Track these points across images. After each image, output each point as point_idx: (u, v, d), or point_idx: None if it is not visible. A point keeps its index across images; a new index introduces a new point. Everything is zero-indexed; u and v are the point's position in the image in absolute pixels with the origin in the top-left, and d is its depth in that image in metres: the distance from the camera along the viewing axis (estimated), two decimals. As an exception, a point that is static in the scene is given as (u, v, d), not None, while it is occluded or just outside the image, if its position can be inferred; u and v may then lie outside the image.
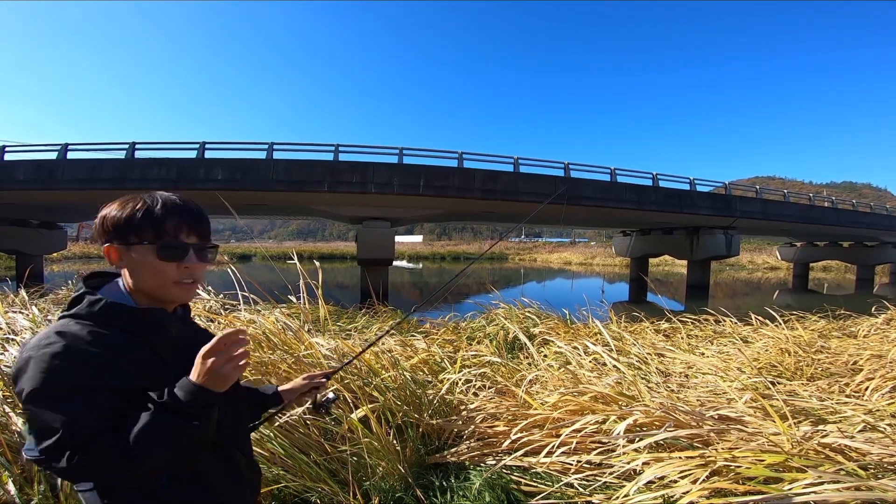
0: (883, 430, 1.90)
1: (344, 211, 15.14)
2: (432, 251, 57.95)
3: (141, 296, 0.89)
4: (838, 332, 4.72)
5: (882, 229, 23.47)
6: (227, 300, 4.81)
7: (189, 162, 13.19)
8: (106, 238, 0.88)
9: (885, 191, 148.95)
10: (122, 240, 0.87)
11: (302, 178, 13.21)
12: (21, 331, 2.96)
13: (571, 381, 2.71)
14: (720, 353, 3.76)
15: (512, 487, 1.96)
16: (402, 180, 13.43)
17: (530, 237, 78.91)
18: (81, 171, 12.90)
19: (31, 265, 13.65)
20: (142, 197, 0.89)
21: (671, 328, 4.97)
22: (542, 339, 4.32)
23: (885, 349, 3.48)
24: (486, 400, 2.69)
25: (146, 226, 0.86)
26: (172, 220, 0.88)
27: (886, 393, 2.63)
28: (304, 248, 51.84)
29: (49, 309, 4.22)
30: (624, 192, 16.08)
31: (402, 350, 3.35)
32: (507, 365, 3.28)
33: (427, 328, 5.00)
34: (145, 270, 0.86)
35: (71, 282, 6.76)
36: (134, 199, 0.89)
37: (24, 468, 1.69)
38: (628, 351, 3.62)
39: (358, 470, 2.02)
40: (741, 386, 2.77)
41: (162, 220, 0.87)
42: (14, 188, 12.92)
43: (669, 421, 1.97)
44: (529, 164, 15.18)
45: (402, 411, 2.40)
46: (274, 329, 2.93)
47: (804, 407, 2.33)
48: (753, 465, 1.60)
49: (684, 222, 18.87)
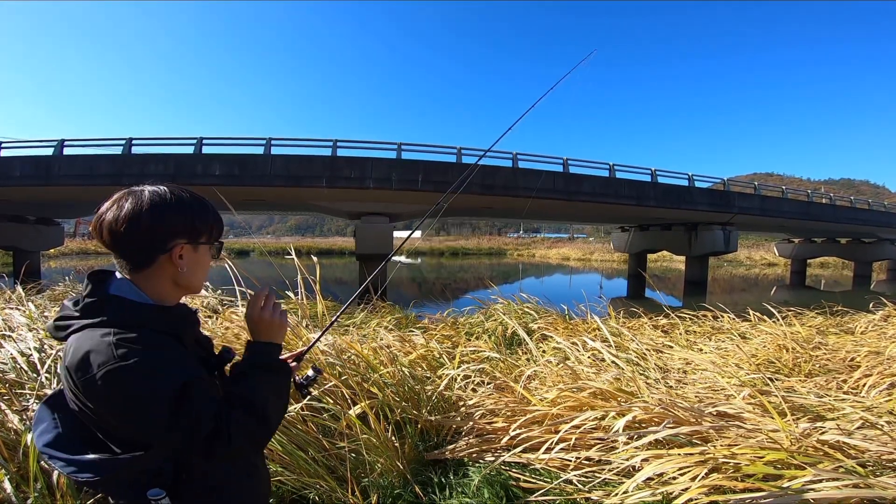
0: (881, 428, 1.90)
1: (342, 206, 15.10)
2: (431, 247, 57.88)
3: (174, 293, 0.89)
4: (836, 329, 4.73)
5: (879, 226, 23.52)
6: (224, 296, 4.80)
7: (187, 157, 13.12)
8: (164, 238, 0.84)
9: (883, 187, 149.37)
10: (194, 239, 0.88)
11: (300, 174, 13.16)
12: (17, 327, 2.95)
13: (570, 377, 2.71)
14: (718, 350, 3.76)
15: (511, 484, 1.96)
16: (400, 175, 13.40)
17: (529, 233, 78.90)
18: (78, 166, 12.81)
19: (28, 261, 13.61)
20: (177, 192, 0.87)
21: (669, 324, 4.98)
22: (540, 334, 4.32)
23: (882, 346, 3.49)
24: (485, 396, 2.68)
25: (211, 224, 0.91)
26: (218, 217, 0.94)
27: (884, 390, 2.64)
28: (302, 243, 51.71)
29: (46, 305, 4.21)
30: (622, 188, 16.08)
31: (400, 346, 3.34)
32: (505, 360, 3.27)
33: (425, 324, 5.00)
34: (199, 269, 0.91)
35: (68, 278, 6.74)
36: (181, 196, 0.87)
37: (20, 466, 1.68)
38: (627, 347, 3.62)
39: (356, 466, 2.02)
40: (739, 382, 2.77)
41: (218, 216, 0.93)
42: (11, 184, 12.84)
43: (668, 417, 1.97)
44: (528, 160, 15.20)
45: (401, 407, 2.39)
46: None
47: (802, 403, 2.34)
48: (752, 462, 1.60)
49: (683, 218, 18.88)
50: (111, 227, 0.81)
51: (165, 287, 0.87)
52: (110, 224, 0.81)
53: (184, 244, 0.86)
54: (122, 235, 0.81)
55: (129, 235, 0.82)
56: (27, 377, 2.27)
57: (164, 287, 0.87)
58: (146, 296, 0.85)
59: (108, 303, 0.81)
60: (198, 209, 0.89)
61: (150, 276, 0.86)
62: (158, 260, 0.85)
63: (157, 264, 0.85)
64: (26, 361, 2.36)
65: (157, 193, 0.84)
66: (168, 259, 0.85)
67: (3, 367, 2.32)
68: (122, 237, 0.82)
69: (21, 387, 2.19)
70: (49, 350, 2.46)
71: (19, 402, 2.00)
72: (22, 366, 2.32)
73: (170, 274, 0.87)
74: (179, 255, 0.86)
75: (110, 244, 0.83)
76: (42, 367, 2.28)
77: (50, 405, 0.84)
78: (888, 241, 26.32)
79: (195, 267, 0.89)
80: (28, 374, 2.29)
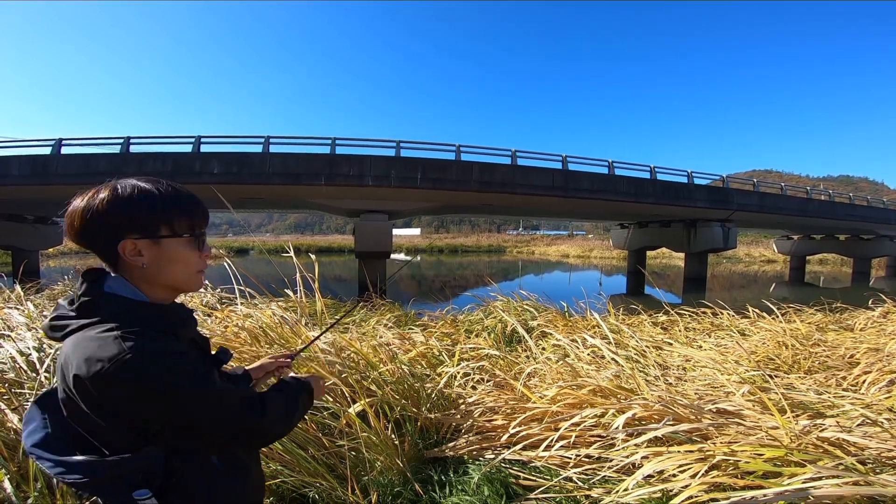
0: (881, 425, 1.90)
1: (341, 204, 15.08)
2: (430, 244, 57.85)
3: (158, 291, 0.85)
4: (835, 326, 4.73)
5: (878, 222, 23.54)
6: (223, 294, 4.80)
7: (185, 156, 13.08)
8: (114, 232, 0.80)
9: (882, 184, 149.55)
10: (149, 233, 0.82)
11: (299, 171, 13.14)
12: (16, 326, 2.94)
13: (570, 375, 2.71)
14: (718, 346, 3.77)
15: (511, 481, 1.96)
16: (399, 173, 13.40)
17: (528, 230, 78.88)
18: (76, 165, 12.76)
19: (27, 260, 13.60)
20: (138, 184, 0.82)
21: (669, 321, 4.98)
22: (540, 331, 4.33)
23: (881, 342, 3.49)
24: (485, 393, 2.68)
25: (180, 215, 0.85)
26: (198, 207, 0.89)
27: (883, 387, 2.64)
28: (301, 241, 51.66)
29: (45, 304, 4.20)
30: (622, 185, 16.08)
31: (400, 343, 3.34)
32: (505, 358, 3.28)
33: (425, 321, 5.00)
34: (176, 264, 0.85)
35: (67, 277, 6.72)
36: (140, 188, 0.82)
37: (20, 465, 1.68)
38: (626, 344, 3.63)
39: (356, 465, 2.02)
40: (739, 379, 2.77)
41: (194, 207, 0.87)
42: (8, 184, 12.78)
43: (668, 414, 1.97)
44: (527, 157, 15.17)
45: (401, 405, 2.39)
46: (271, 323, 2.92)
47: (802, 400, 2.34)
48: (752, 459, 1.59)
49: (682, 215, 18.88)
50: (70, 224, 0.81)
51: (144, 285, 0.83)
52: (69, 221, 0.81)
53: (136, 239, 0.81)
54: (79, 233, 0.81)
55: (84, 234, 0.81)
56: (26, 376, 2.26)
57: (143, 285, 0.83)
58: (141, 293, 0.82)
59: (106, 301, 0.78)
60: (153, 202, 0.82)
61: (127, 275, 0.83)
62: (120, 257, 0.81)
63: (122, 261, 0.82)
64: (25, 361, 2.35)
65: (116, 187, 0.81)
66: (126, 256, 0.81)
67: (2, 366, 2.31)
68: (79, 235, 0.81)
69: (20, 386, 2.19)
70: (48, 349, 2.45)
71: (19, 401, 2.00)
72: (21, 365, 2.31)
73: (135, 271, 0.82)
74: (137, 250, 0.81)
75: (74, 241, 0.82)
76: (41, 366, 2.28)
77: (41, 405, 0.83)
78: (887, 237, 26.34)
79: (163, 262, 0.83)
80: (27, 373, 2.29)
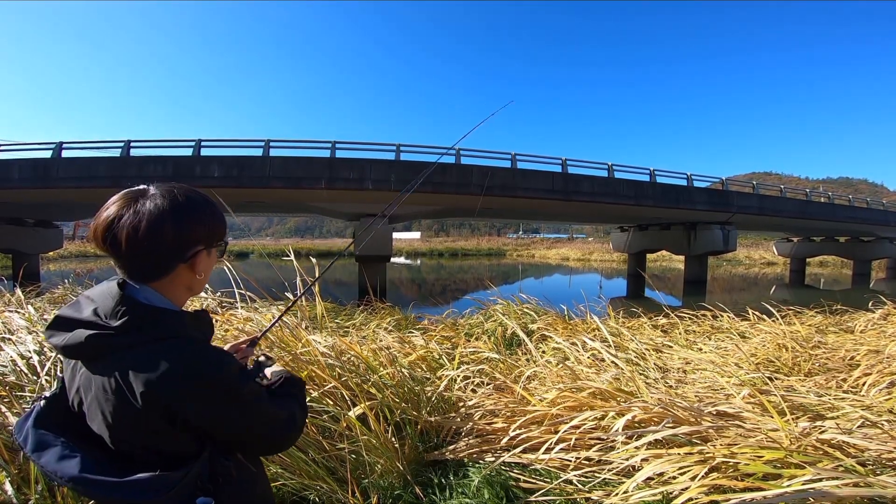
0: (881, 426, 1.90)
1: (341, 207, 15.12)
2: (430, 247, 57.86)
3: (181, 299, 0.86)
4: (835, 328, 4.73)
5: (878, 224, 23.55)
6: (224, 298, 4.80)
7: (185, 159, 13.12)
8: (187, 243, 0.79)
9: (882, 186, 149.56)
10: (212, 243, 0.85)
11: (299, 175, 13.19)
12: (17, 330, 2.94)
13: (570, 377, 2.71)
14: (718, 349, 3.77)
15: (511, 484, 1.96)
16: (399, 176, 13.43)
17: (528, 233, 78.90)
18: (77, 169, 12.81)
19: (27, 264, 13.61)
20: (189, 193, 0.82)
21: (669, 323, 4.98)
22: (540, 334, 4.33)
23: (882, 344, 3.49)
24: (485, 396, 2.68)
25: (223, 226, 0.88)
26: (223, 216, 0.91)
27: (884, 388, 2.64)
28: (301, 244, 51.68)
29: (45, 308, 4.20)
30: (621, 188, 16.11)
31: (400, 347, 3.34)
32: (505, 361, 3.27)
33: (425, 324, 5.00)
34: (209, 271, 0.89)
35: (68, 280, 6.72)
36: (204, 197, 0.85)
37: (21, 468, 1.68)
38: (626, 346, 3.63)
39: (356, 468, 2.02)
40: (739, 381, 2.77)
41: (223, 217, 0.89)
42: (9, 187, 12.81)
43: (668, 417, 1.97)
44: (527, 161, 15.25)
45: (401, 408, 2.39)
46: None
47: (802, 402, 2.34)
48: (752, 461, 1.59)
49: (682, 218, 18.91)
50: (129, 236, 0.73)
51: (179, 293, 0.84)
52: (129, 233, 0.73)
53: (202, 250, 0.82)
54: (144, 246, 0.74)
55: (150, 246, 0.75)
56: (27, 380, 2.27)
57: (178, 293, 0.83)
58: (170, 302, 0.81)
59: (154, 315, 0.75)
60: (211, 212, 0.84)
61: (166, 284, 0.80)
62: (178, 269, 0.80)
63: (175, 273, 0.81)
64: (26, 364, 2.36)
65: (174, 197, 0.78)
66: (187, 267, 0.82)
67: (3, 369, 2.32)
68: (142, 247, 0.74)
69: (21, 389, 2.19)
70: (48, 353, 2.46)
71: (19, 404, 2.00)
72: (22, 368, 2.32)
73: (186, 281, 0.83)
74: (198, 261, 0.83)
75: (126, 253, 0.75)
76: (42, 369, 2.29)
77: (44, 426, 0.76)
78: (887, 239, 26.36)
79: (208, 271, 0.87)
80: (28, 376, 2.29)
